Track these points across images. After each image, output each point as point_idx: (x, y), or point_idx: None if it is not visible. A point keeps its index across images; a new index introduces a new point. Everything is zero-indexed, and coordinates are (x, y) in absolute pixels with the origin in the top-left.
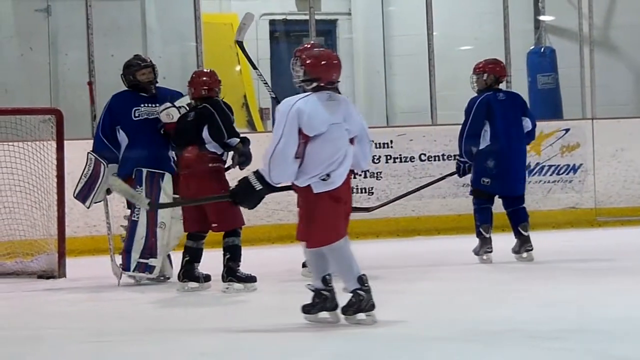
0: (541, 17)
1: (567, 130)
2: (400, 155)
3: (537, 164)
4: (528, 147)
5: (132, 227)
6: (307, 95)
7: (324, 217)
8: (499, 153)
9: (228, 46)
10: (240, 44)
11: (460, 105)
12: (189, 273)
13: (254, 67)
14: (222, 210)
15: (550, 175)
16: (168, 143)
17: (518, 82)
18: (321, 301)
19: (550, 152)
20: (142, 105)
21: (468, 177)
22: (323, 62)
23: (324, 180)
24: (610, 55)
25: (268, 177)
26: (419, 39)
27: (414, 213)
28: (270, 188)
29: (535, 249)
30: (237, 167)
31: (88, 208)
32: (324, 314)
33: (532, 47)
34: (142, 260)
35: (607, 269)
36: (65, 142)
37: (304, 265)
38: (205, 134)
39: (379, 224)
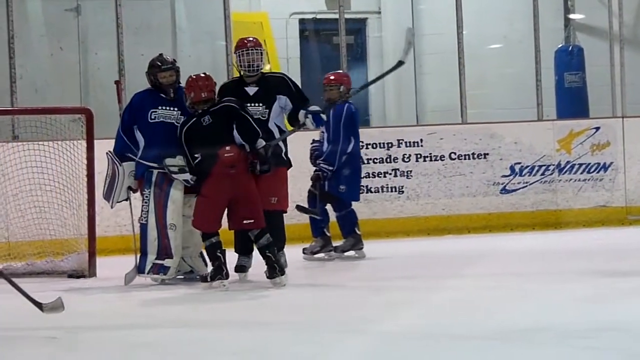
0: (571, 16)
1: (597, 128)
2: (430, 154)
3: (568, 162)
4: (559, 146)
5: (142, 230)
6: None
7: None
8: (353, 162)
9: None
10: (400, 64)
11: (491, 104)
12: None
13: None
14: (259, 208)
15: (581, 173)
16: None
17: (545, 81)
18: None
19: (580, 150)
20: (160, 107)
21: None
22: None
23: None
24: None
25: None
26: (448, 37)
27: (444, 212)
28: None
29: (565, 247)
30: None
31: (112, 208)
32: None
33: (560, 46)
34: (157, 262)
35: (638, 267)
36: (95, 141)
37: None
38: (235, 133)
39: (409, 223)
